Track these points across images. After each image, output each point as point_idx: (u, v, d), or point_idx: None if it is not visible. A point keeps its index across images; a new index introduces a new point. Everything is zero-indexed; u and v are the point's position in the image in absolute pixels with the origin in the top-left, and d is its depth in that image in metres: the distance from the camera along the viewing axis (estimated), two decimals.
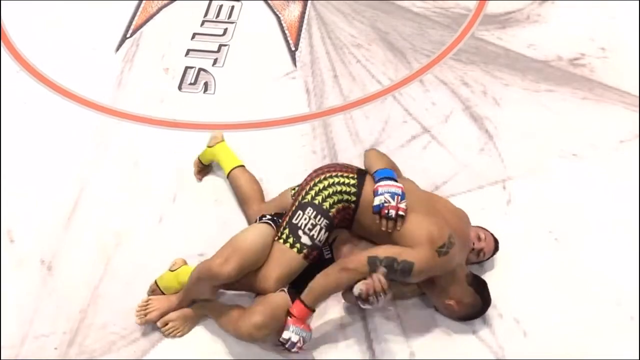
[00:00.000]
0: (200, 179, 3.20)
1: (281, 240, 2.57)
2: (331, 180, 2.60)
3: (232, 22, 3.99)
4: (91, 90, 3.62)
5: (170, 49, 3.84)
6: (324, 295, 2.50)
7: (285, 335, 2.45)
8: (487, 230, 2.80)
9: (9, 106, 3.55)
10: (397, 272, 2.44)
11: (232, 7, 4.06)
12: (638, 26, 3.80)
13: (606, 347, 2.65)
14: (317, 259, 2.60)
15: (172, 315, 2.68)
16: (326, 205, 2.56)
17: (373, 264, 2.42)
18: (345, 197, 2.58)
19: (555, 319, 2.72)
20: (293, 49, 3.84)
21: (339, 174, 2.63)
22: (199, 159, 3.21)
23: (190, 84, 3.67)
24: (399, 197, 2.52)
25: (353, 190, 2.58)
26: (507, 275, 2.83)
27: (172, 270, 2.80)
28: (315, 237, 2.54)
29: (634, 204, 3.05)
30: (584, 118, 3.41)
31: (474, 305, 2.62)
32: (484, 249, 2.74)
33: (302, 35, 3.91)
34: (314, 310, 2.50)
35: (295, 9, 4.05)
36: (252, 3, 4.08)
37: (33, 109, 3.55)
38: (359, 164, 3.14)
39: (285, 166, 3.22)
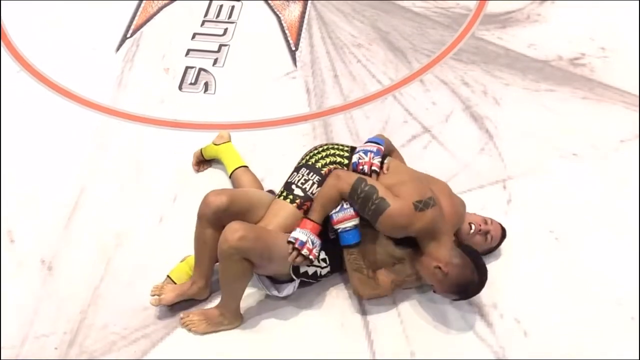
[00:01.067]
0: (197, 170, 3.25)
1: (277, 198, 2.70)
2: (327, 152, 2.78)
3: (233, 22, 3.99)
4: (91, 90, 3.63)
5: (171, 49, 3.84)
6: (324, 208, 2.60)
7: (294, 234, 2.55)
8: (493, 219, 2.82)
9: (9, 106, 3.55)
10: (371, 208, 2.52)
11: (233, 7, 4.06)
12: (638, 26, 3.80)
13: (606, 347, 2.65)
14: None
15: (196, 312, 2.71)
16: (319, 165, 2.73)
17: (357, 185, 2.55)
18: (338, 159, 2.74)
19: (555, 318, 2.72)
20: (293, 48, 3.84)
21: (335, 146, 2.81)
22: (201, 151, 3.24)
23: (191, 83, 3.67)
24: (372, 154, 2.66)
25: (346, 161, 2.73)
26: (508, 274, 2.83)
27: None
28: (307, 189, 2.68)
29: (634, 204, 3.05)
30: (584, 118, 3.41)
31: (464, 266, 2.52)
32: (490, 231, 2.76)
33: (303, 35, 3.91)
34: (320, 225, 2.60)
35: (295, 9, 4.05)
36: (252, 3, 4.08)
37: (33, 109, 3.56)
38: None
39: (286, 166, 3.21)
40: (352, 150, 2.78)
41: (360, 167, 2.64)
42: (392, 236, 2.62)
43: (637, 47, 3.70)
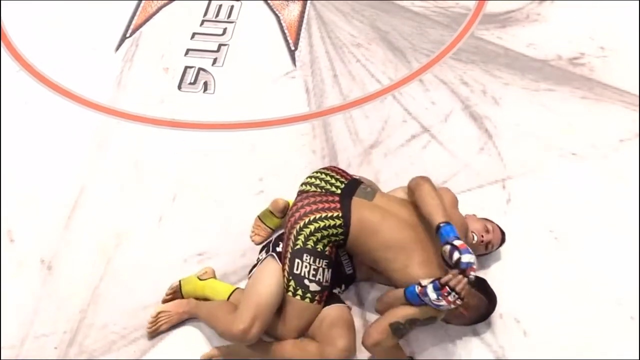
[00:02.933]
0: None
1: (290, 294, 2.55)
2: (317, 225, 2.53)
3: (232, 22, 3.99)
4: (91, 90, 3.62)
5: (170, 49, 3.84)
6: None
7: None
8: (493, 222, 2.82)
9: (9, 106, 3.55)
10: (424, 322, 2.46)
11: (232, 6, 4.06)
12: (638, 25, 3.80)
13: (606, 347, 2.65)
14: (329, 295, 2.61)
15: (214, 351, 2.64)
16: (320, 247, 2.54)
17: (397, 330, 2.43)
18: (334, 238, 2.54)
19: (555, 318, 2.72)
20: (292, 48, 3.84)
21: (323, 215, 2.54)
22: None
23: (190, 83, 3.67)
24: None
25: (341, 230, 2.53)
26: (507, 274, 2.83)
27: (200, 279, 2.78)
28: (321, 280, 2.54)
29: (634, 203, 3.05)
30: (583, 117, 3.41)
31: (479, 307, 2.57)
32: (491, 241, 2.75)
33: (302, 34, 3.90)
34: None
35: (294, 9, 4.05)
36: (251, 3, 4.08)
37: (33, 109, 3.55)
38: (358, 164, 3.14)
39: (285, 166, 3.22)
40: (342, 206, 2.55)
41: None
42: None
43: (636, 46, 3.70)
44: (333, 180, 2.66)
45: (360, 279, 2.76)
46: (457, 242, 2.36)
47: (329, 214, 2.54)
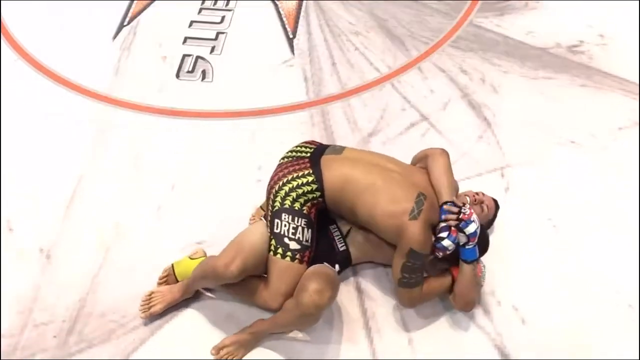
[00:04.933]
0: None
1: (272, 252, 2.58)
2: (290, 185, 2.59)
3: (230, 10, 3.97)
4: (88, 78, 3.62)
5: (168, 37, 3.83)
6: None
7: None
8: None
9: (7, 95, 3.54)
10: (417, 267, 2.51)
11: None
12: (638, 13, 3.79)
13: (604, 335, 2.66)
14: (313, 258, 2.61)
15: (226, 340, 2.64)
16: (297, 206, 2.58)
17: (406, 283, 2.55)
18: (310, 196, 2.58)
19: (553, 306, 2.73)
20: (291, 36, 3.83)
21: (295, 175, 2.61)
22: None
23: (188, 72, 3.66)
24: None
25: (314, 187, 2.58)
26: (506, 262, 2.84)
27: (192, 258, 2.80)
28: (300, 239, 2.57)
29: (633, 191, 3.05)
30: (582, 105, 3.41)
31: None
32: (485, 201, 2.72)
33: (300, 22, 3.89)
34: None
35: None
36: None
37: (31, 98, 3.55)
38: None
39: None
40: (312, 164, 2.62)
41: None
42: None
43: (635, 34, 3.70)
44: (304, 149, 2.73)
45: (356, 259, 2.75)
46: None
47: (301, 173, 2.61)
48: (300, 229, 2.57)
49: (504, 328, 2.68)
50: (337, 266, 2.66)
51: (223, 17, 3.93)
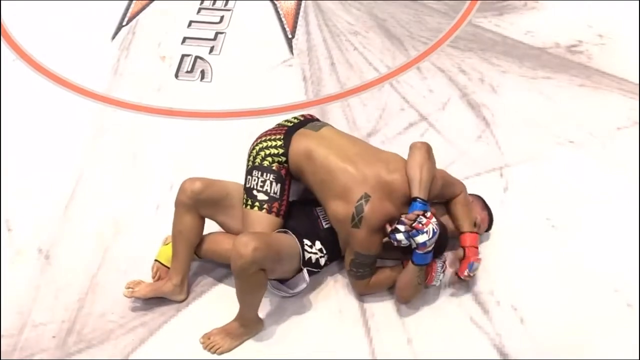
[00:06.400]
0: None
1: (244, 206, 2.68)
2: (262, 145, 2.73)
3: (229, 10, 3.97)
4: (87, 78, 3.61)
5: (167, 37, 3.83)
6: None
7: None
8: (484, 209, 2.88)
9: (6, 95, 3.54)
10: (365, 263, 2.61)
11: None
12: (637, 13, 3.79)
13: (603, 334, 2.65)
14: (284, 211, 2.68)
15: (215, 331, 2.66)
16: (266, 163, 2.69)
17: (351, 274, 2.68)
18: (277, 158, 2.69)
19: (552, 306, 2.73)
20: (290, 36, 3.83)
21: (267, 137, 2.75)
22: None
23: (187, 72, 3.66)
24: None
25: (281, 151, 2.69)
26: (504, 261, 2.84)
27: (166, 244, 2.83)
28: (268, 191, 2.66)
29: (631, 191, 3.05)
30: (581, 105, 3.41)
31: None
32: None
33: (299, 22, 3.89)
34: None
35: None
36: None
37: (29, 98, 3.54)
38: None
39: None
40: (286, 134, 2.71)
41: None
42: None
43: (634, 34, 3.69)
44: (293, 120, 2.82)
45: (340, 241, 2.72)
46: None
47: (273, 137, 2.74)
48: (268, 182, 2.67)
49: (503, 328, 2.68)
50: (317, 243, 2.67)
51: (222, 17, 3.93)
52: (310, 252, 2.64)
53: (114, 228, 2.99)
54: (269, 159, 2.68)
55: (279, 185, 2.67)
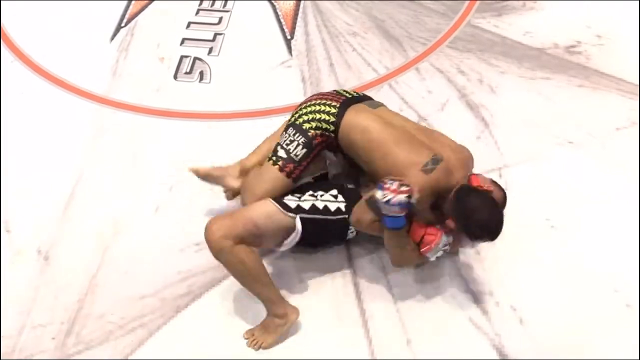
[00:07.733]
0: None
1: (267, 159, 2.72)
2: (313, 108, 2.71)
3: (227, 11, 3.97)
4: (86, 80, 3.61)
5: (166, 38, 3.83)
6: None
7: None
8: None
9: (4, 96, 3.53)
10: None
11: None
12: (636, 13, 3.80)
13: (602, 333, 2.66)
14: (297, 176, 2.68)
15: (255, 329, 2.66)
16: (306, 126, 2.68)
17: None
18: (324, 125, 2.67)
19: (552, 306, 2.73)
20: (288, 37, 3.83)
21: (323, 101, 2.72)
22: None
23: (186, 73, 3.66)
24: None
25: (332, 119, 2.66)
26: (504, 262, 2.84)
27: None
28: (291, 150, 2.66)
29: (631, 191, 3.06)
30: (580, 106, 3.41)
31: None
32: (490, 188, 2.64)
33: (298, 23, 3.89)
34: None
35: None
36: None
37: (28, 100, 3.54)
38: None
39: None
40: (342, 104, 2.67)
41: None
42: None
43: (633, 35, 3.70)
44: (352, 93, 2.80)
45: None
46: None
47: (327, 103, 2.70)
48: (295, 143, 2.67)
49: (502, 328, 2.68)
50: (334, 190, 2.67)
51: (221, 18, 3.93)
52: (324, 200, 2.65)
53: (113, 228, 2.99)
54: (313, 123, 2.67)
55: (304, 150, 2.67)
